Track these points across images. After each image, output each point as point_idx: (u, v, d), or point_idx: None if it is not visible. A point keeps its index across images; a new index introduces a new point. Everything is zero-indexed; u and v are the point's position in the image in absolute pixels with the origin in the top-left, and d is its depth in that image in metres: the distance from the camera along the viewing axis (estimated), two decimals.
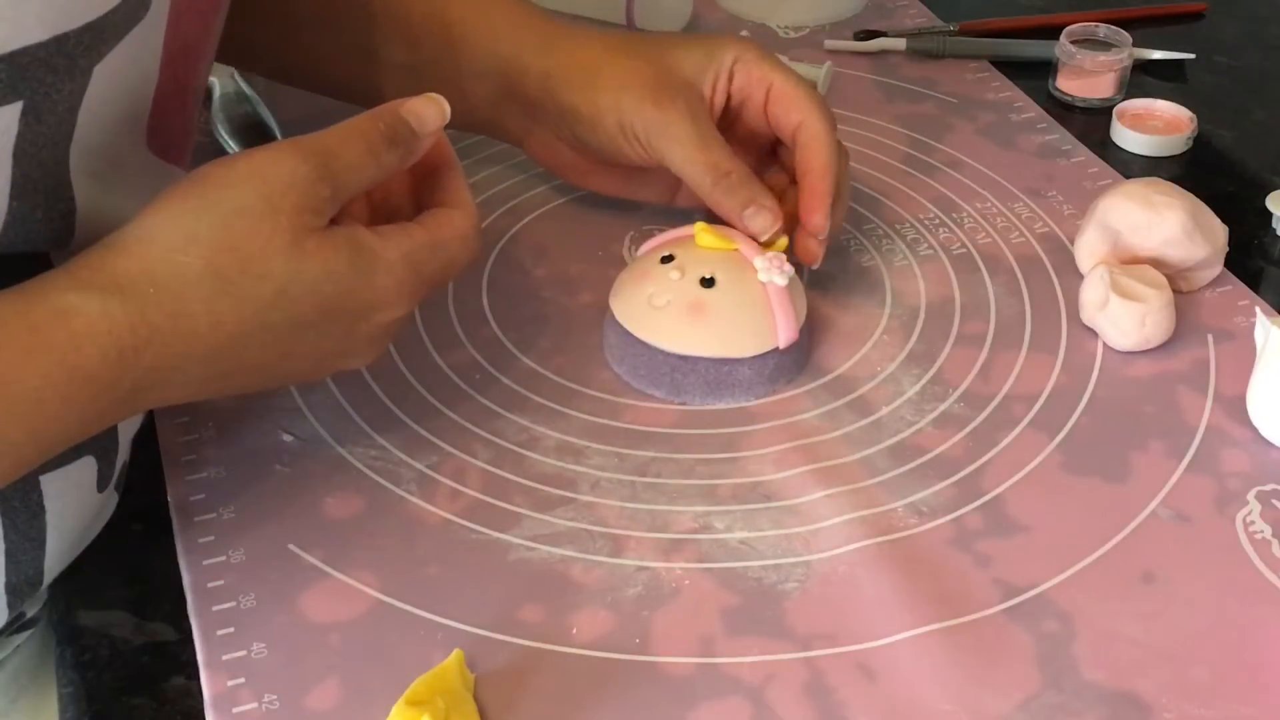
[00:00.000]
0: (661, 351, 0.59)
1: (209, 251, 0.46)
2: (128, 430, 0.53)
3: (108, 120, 0.47)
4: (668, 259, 0.60)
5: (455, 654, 0.47)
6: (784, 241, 0.62)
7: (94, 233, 0.49)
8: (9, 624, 0.54)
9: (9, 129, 0.42)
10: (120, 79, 0.46)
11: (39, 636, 0.60)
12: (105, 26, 0.43)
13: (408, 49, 0.66)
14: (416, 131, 0.52)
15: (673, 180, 0.66)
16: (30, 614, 0.57)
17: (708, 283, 0.59)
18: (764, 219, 0.61)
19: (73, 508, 0.50)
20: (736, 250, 0.60)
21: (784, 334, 0.59)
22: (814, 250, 0.62)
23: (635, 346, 0.60)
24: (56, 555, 0.51)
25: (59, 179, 0.47)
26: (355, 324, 0.50)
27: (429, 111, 0.53)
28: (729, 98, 0.65)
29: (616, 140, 0.63)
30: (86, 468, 0.50)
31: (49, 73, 0.42)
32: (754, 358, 0.59)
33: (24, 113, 0.42)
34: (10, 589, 0.50)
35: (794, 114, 0.63)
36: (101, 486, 0.52)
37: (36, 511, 0.49)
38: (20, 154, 0.43)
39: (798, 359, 0.61)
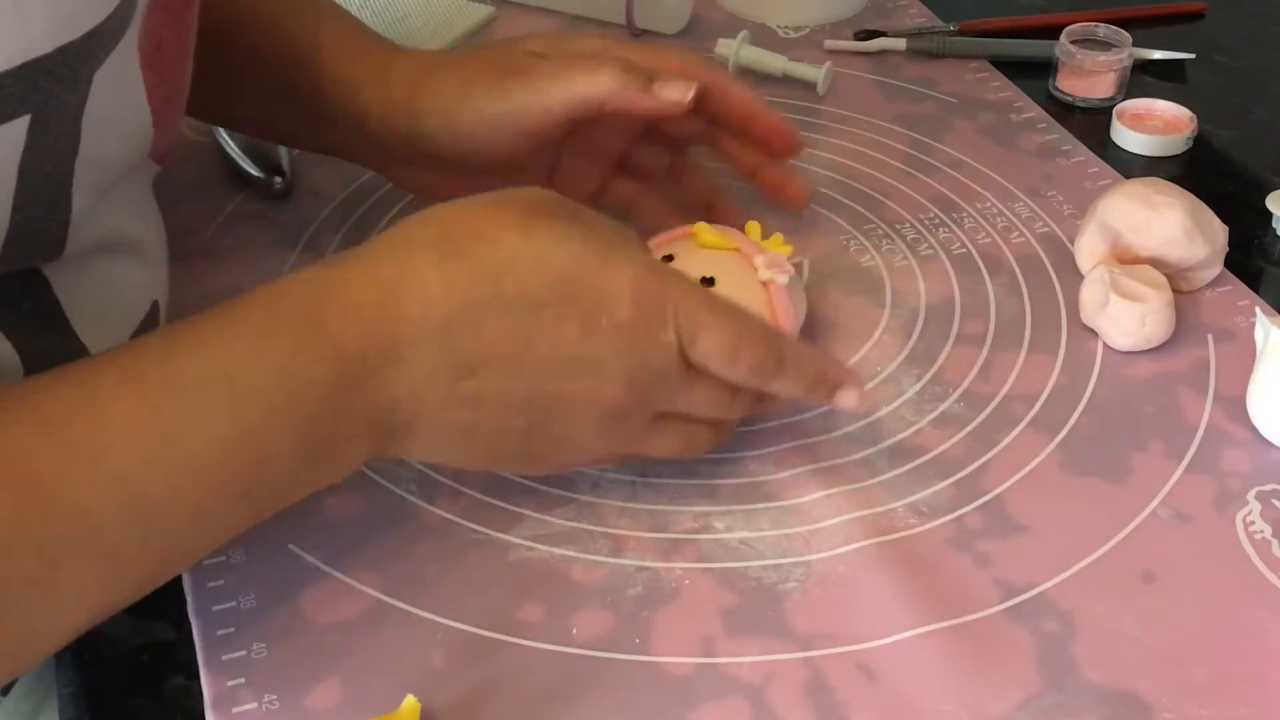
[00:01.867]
0: None
1: (443, 224, 0.48)
2: None
3: (113, 131, 0.47)
4: (668, 258, 0.60)
5: (410, 702, 0.46)
6: (781, 238, 0.62)
7: (85, 242, 0.49)
8: None
9: (17, 142, 0.42)
10: (117, 86, 0.46)
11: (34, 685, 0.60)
12: (103, 33, 0.43)
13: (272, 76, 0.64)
14: None
15: (542, 169, 0.65)
16: None
17: (707, 282, 0.59)
18: (676, 86, 0.60)
19: None
20: (737, 250, 0.60)
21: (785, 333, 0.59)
22: (797, 191, 0.65)
23: None
24: None
25: (60, 190, 0.47)
26: (593, 316, 0.47)
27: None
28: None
29: (479, 141, 0.61)
30: None
31: (55, 84, 0.42)
32: None
33: (31, 125, 0.42)
34: None
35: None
36: None
37: None
38: (26, 167, 0.43)
39: None
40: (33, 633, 0.42)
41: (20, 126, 0.42)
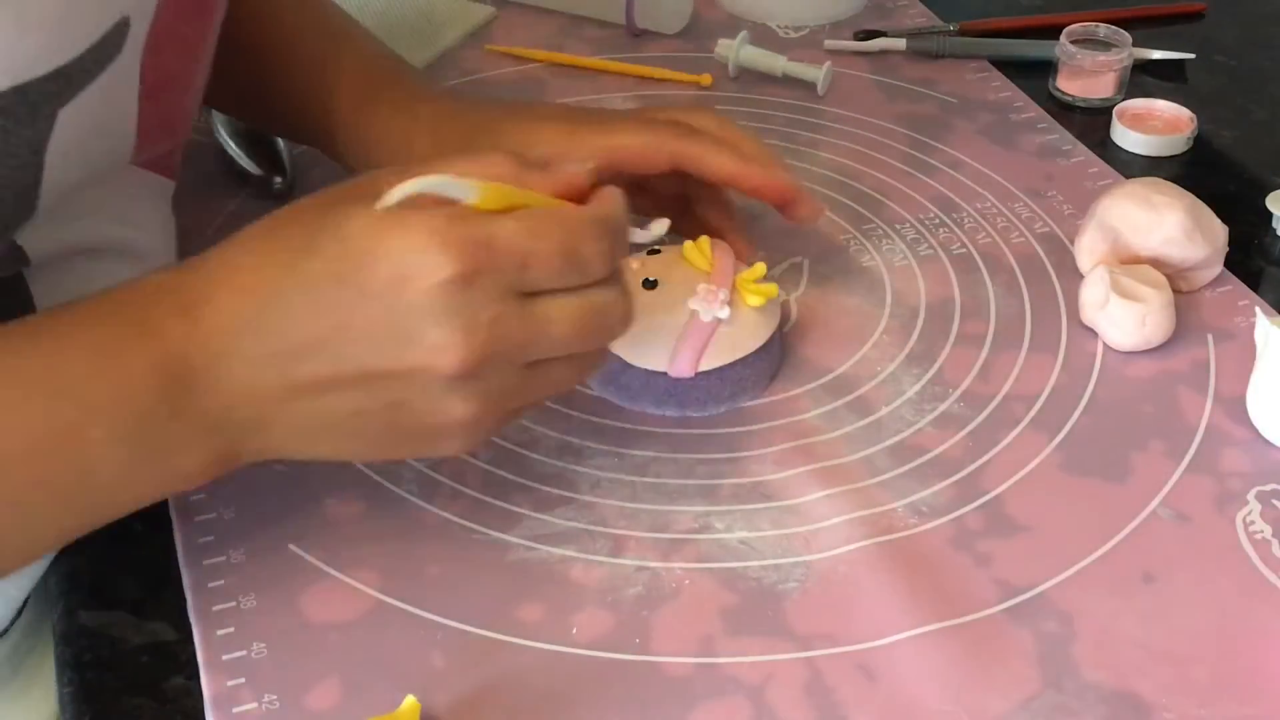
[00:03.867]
0: None
1: (277, 215, 0.46)
2: None
3: (83, 155, 0.47)
4: (654, 251, 0.60)
5: (410, 702, 0.46)
6: (761, 268, 0.60)
7: (59, 245, 0.49)
8: None
9: None
10: (92, 117, 0.46)
11: (25, 637, 0.60)
12: (72, 73, 0.43)
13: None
14: None
15: None
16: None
17: (650, 284, 0.59)
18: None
19: None
20: (707, 273, 0.59)
21: (677, 363, 0.58)
22: (808, 212, 0.63)
23: None
24: None
25: (25, 206, 0.46)
26: (402, 287, 0.43)
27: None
28: None
29: None
30: None
31: (8, 119, 0.42)
32: (643, 370, 0.58)
33: None
34: None
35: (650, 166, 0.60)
36: None
37: None
38: None
39: (700, 395, 0.59)
40: None
41: None
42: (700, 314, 0.58)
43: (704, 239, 0.60)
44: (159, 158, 0.55)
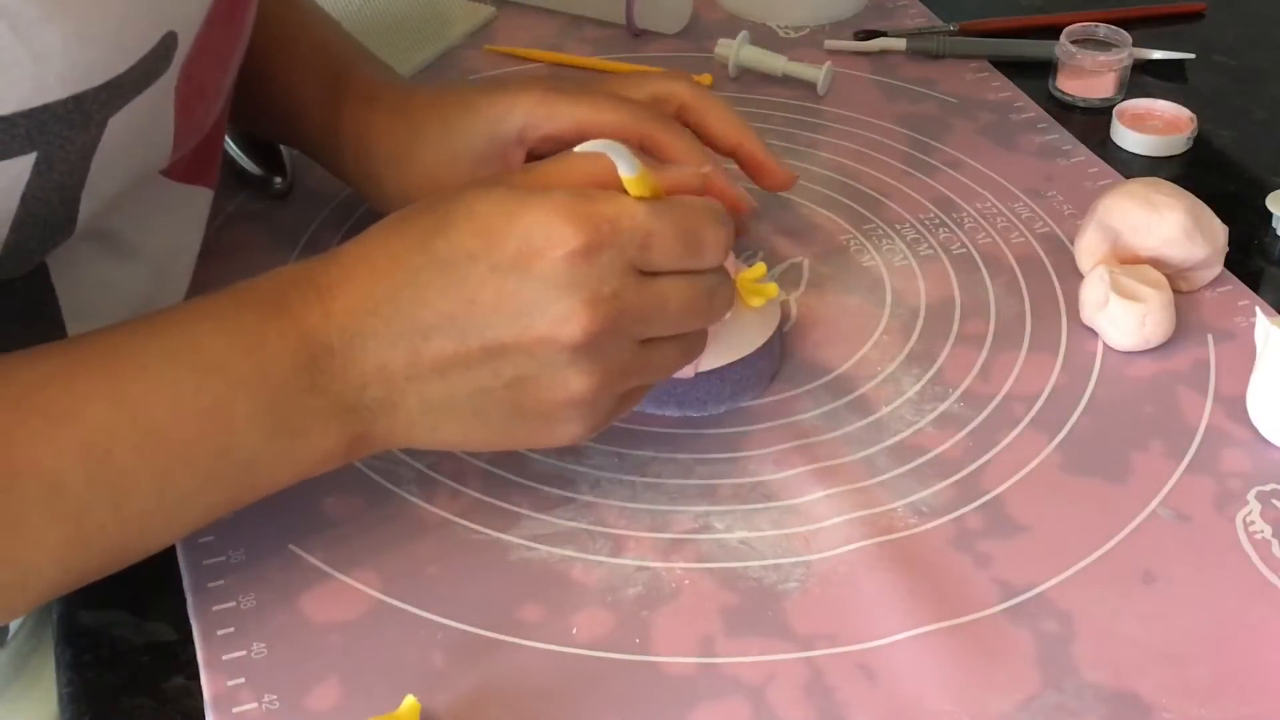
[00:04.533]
0: None
1: (398, 212, 0.49)
2: None
3: (124, 162, 0.48)
4: None
5: (410, 702, 0.47)
6: (762, 268, 0.60)
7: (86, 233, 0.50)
8: None
9: (21, 175, 0.43)
10: (137, 125, 0.47)
11: (27, 638, 0.60)
12: (124, 83, 0.44)
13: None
14: None
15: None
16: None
17: None
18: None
19: None
20: None
21: None
22: (780, 181, 0.65)
23: None
24: None
25: (66, 215, 0.48)
26: (529, 260, 0.45)
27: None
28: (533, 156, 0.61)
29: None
30: None
31: (65, 127, 0.43)
32: None
33: (37, 162, 0.43)
34: None
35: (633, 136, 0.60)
36: None
37: None
38: (28, 198, 0.45)
39: (700, 395, 0.59)
40: (1, 588, 0.43)
41: (25, 162, 0.43)
42: None
43: None
44: (193, 170, 0.56)
